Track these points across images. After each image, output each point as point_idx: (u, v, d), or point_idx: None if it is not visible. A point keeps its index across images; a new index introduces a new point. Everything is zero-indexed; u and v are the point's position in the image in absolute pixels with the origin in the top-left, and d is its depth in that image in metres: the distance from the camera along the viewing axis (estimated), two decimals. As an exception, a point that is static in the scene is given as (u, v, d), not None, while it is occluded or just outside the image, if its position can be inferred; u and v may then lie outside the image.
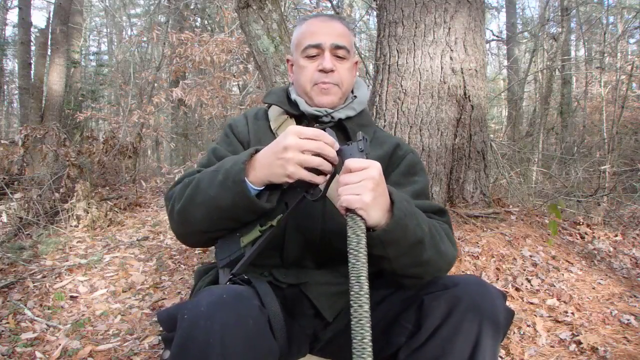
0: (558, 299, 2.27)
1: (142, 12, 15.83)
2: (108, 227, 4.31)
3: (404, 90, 2.89)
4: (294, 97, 1.24)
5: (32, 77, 8.26)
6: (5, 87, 14.97)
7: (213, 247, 1.11)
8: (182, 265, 3.32)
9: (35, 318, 2.46)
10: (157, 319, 0.96)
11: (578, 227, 3.26)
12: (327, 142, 0.92)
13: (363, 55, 6.06)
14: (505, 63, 12.54)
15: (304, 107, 1.21)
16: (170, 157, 11.12)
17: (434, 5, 2.86)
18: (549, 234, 2.83)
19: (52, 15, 8.40)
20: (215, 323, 0.79)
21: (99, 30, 19.52)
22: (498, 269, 2.49)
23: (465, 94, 2.92)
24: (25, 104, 8.28)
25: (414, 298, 0.98)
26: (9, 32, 14.73)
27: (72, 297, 2.80)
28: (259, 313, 0.86)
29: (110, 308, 2.66)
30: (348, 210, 0.87)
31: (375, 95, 3.02)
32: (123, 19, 13.93)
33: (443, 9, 2.86)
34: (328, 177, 0.96)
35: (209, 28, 9.52)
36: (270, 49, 2.91)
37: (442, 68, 2.87)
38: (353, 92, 1.28)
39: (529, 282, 2.41)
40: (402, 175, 1.19)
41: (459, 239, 2.67)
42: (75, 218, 4.26)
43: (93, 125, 11.04)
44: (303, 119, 1.24)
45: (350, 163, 0.88)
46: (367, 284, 0.81)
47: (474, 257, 2.55)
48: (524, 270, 2.49)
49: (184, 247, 3.64)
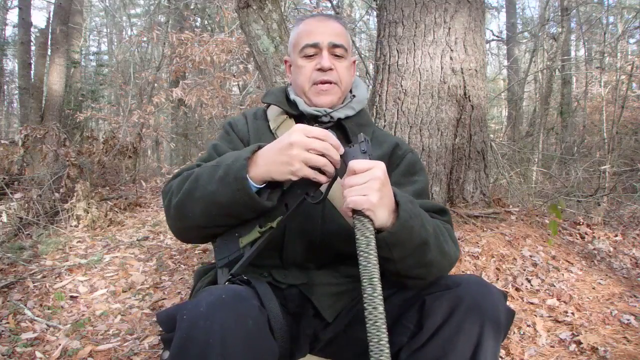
0: (558, 299, 2.27)
1: (142, 12, 15.84)
2: (108, 227, 4.31)
3: (404, 90, 2.89)
4: (293, 97, 1.24)
5: (32, 77, 8.26)
6: (5, 87, 14.97)
7: (213, 247, 1.11)
8: (182, 265, 3.32)
9: (35, 318, 2.46)
10: (156, 320, 0.96)
11: (578, 227, 3.26)
12: (332, 143, 0.91)
13: (363, 55, 6.06)
14: (505, 63, 12.54)
15: (303, 107, 1.21)
16: (170, 157, 11.12)
17: (434, 5, 2.86)
18: (549, 234, 2.83)
19: (52, 15, 8.40)
20: (215, 323, 0.79)
21: (99, 30, 19.54)
22: (498, 269, 2.49)
23: (465, 94, 2.92)
24: (25, 104, 8.28)
25: (416, 298, 0.98)
26: (9, 32, 14.75)
27: (72, 297, 2.80)
28: (259, 313, 0.86)
29: (110, 308, 2.66)
30: (355, 212, 0.86)
31: (375, 95, 3.02)
32: (123, 19, 13.94)
33: (443, 9, 2.86)
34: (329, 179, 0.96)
35: (209, 28, 9.52)
36: (270, 49, 2.91)
37: (442, 68, 2.87)
38: (351, 91, 1.28)
39: (529, 282, 2.41)
40: (402, 175, 1.19)
41: (459, 239, 2.67)
42: (75, 218, 4.26)
43: (93, 125, 11.03)
44: (302, 119, 1.23)
45: (355, 164, 0.87)
46: (380, 286, 0.81)
47: (474, 257, 2.55)
48: (524, 270, 2.49)
49: (184, 247, 3.64)
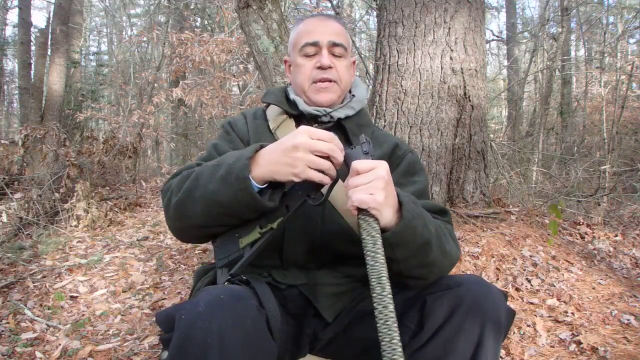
0: (558, 299, 2.27)
1: (142, 12, 15.83)
2: (108, 227, 4.31)
3: (404, 90, 2.88)
4: (293, 97, 1.23)
5: (32, 77, 8.26)
6: (5, 87, 14.98)
7: (213, 247, 1.11)
8: (182, 265, 3.31)
9: (35, 318, 2.46)
10: (155, 320, 0.95)
11: (578, 227, 3.25)
12: (336, 145, 0.91)
13: (363, 55, 6.06)
14: (505, 63, 12.54)
15: (303, 106, 1.21)
16: (170, 157, 11.11)
17: (434, 5, 2.86)
18: (549, 234, 2.83)
19: (52, 15, 8.40)
20: (214, 323, 0.79)
21: (99, 30, 19.54)
22: (498, 269, 2.49)
23: (465, 94, 2.92)
24: (25, 104, 8.28)
25: (417, 298, 0.98)
26: (9, 32, 14.74)
27: (72, 297, 2.79)
28: (257, 313, 0.86)
29: (110, 308, 2.66)
30: (360, 211, 0.86)
31: (375, 95, 3.02)
32: (123, 19, 13.93)
33: (443, 9, 2.86)
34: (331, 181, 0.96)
35: (209, 28, 9.52)
36: (270, 49, 2.91)
37: (442, 68, 2.86)
38: (351, 91, 1.28)
39: (529, 282, 2.41)
40: (402, 175, 1.19)
41: (459, 239, 2.67)
42: (75, 218, 4.26)
43: (93, 125, 11.04)
44: (302, 119, 1.23)
45: (359, 164, 0.88)
46: (389, 284, 0.81)
47: (474, 257, 2.55)
48: (524, 270, 2.49)
49: (184, 247, 3.64)
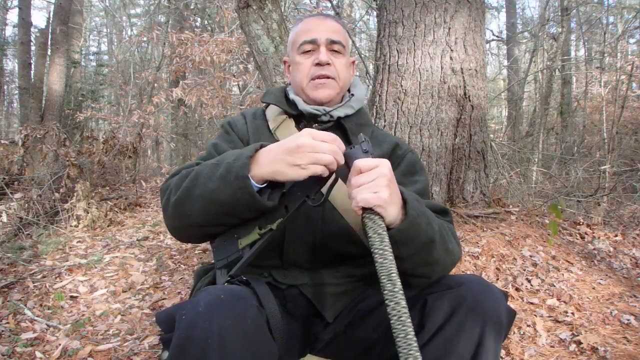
0: (558, 299, 2.27)
1: (142, 12, 15.84)
2: (108, 227, 4.30)
3: (404, 90, 2.88)
4: (292, 96, 1.23)
5: (32, 77, 8.25)
6: (5, 87, 14.98)
7: (211, 248, 1.10)
8: (182, 265, 3.31)
9: (35, 318, 2.46)
10: (155, 320, 0.95)
11: (578, 227, 3.25)
12: (339, 147, 0.92)
13: (363, 55, 6.06)
14: (505, 63, 12.54)
15: (303, 106, 1.21)
16: (170, 157, 11.11)
17: (434, 5, 2.86)
18: (549, 234, 2.83)
19: (52, 15, 8.40)
20: (214, 323, 0.79)
21: (99, 30, 19.54)
22: (498, 269, 2.49)
23: (465, 94, 2.92)
24: (25, 104, 8.27)
25: (417, 298, 0.97)
26: (9, 32, 14.75)
27: (72, 297, 2.79)
28: (257, 313, 0.86)
29: (110, 308, 2.65)
30: (364, 210, 0.86)
31: (375, 95, 3.02)
32: (123, 19, 13.93)
33: (443, 9, 2.86)
34: (330, 182, 0.96)
35: (209, 28, 9.52)
36: (270, 49, 2.91)
37: (442, 68, 2.86)
38: (350, 90, 1.28)
39: (529, 282, 2.41)
40: (402, 175, 1.19)
41: (459, 239, 2.67)
42: (75, 218, 4.26)
43: (93, 125, 11.04)
44: (301, 119, 1.23)
45: (360, 163, 0.88)
46: (399, 281, 0.81)
47: (474, 257, 2.55)
48: (524, 270, 2.49)
49: (184, 247, 3.63)
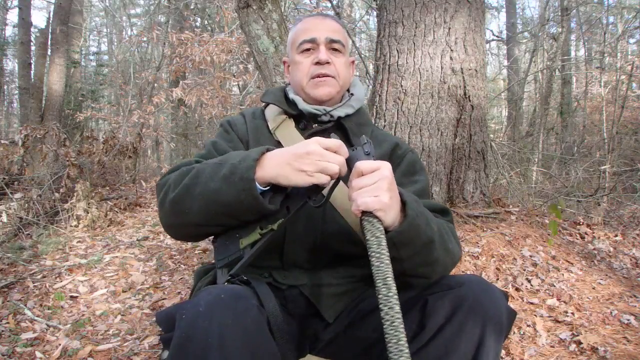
0: (558, 299, 2.27)
1: (142, 12, 15.85)
2: (108, 227, 4.30)
3: (404, 90, 2.89)
4: (292, 96, 1.23)
5: (32, 77, 8.26)
6: (5, 87, 14.97)
7: (213, 247, 1.10)
8: (182, 265, 3.31)
9: (35, 318, 2.46)
10: (155, 320, 0.95)
11: (578, 227, 3.25)
12: (344, 154, 0.93)
13: (363, 55, 6.06)
14: (505, 63, 12.54)
15: (303, 105, 1.20)
16: (170, 157, 11.11)
17: (434, 5, 2.86)
18: (549, 234, 2.83)
19: (52, 15, 8.40)
20: (214, 323, 0.79)
21: (99, 30, 19.53)
22: (498, 269, 2.49)
23: (465, 94, 2.92)
24: (25, 104, 8.27)
25: (418, 298, 0.97)
26: (9, 32, 14.74)
27: (72, 297, 2.79)
28: (257, 313, 0.85)
29: (110, 308, 2.65)
30: (364, 213, 0.86)
31: (375, 95, 3.02)
32: (123, 19, 13.93)
33: (443, 9, 2.86)
34: (331, 184, 0.97)
35: (209, 28, 9.52)
36: (270, 49, 2.91)
37: (442, 68, 2.86)
38: (349, 90, 1.28)
39: (529, 282, 2.40)
40: (403, 175, 1.19)
41: (459, 239, 2.66)
42: (75, 218, 4.26)
43: (93, 125, 11.04)
44: (301, 119, 1.23)
45: (362, 166, 0.88)
46: (394, 285, 0.81)
47: (474, 257, 2.55)
48: (524, 270, 2.49)
49: (184, 247, 3.64)
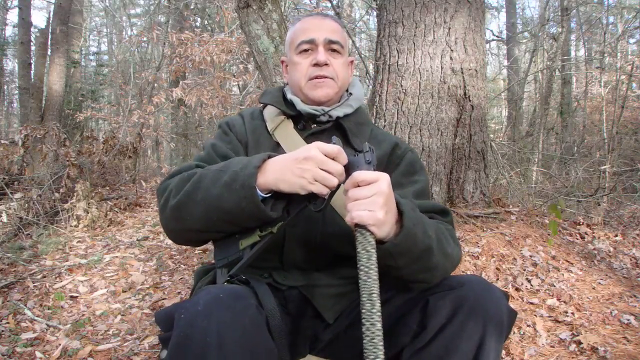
0: (558, 299, 2.27)
1: (142, 12, 15.85)
2: (108, 227, 4.30)
3: (404, 90, 2.88)
4: (290, 96, 1.22)
5: (32, 77, 8.25)
6: (5, 87, 14.98)
7: (213, 247, 1.10)
8: (182, 265, 3.31)
9: (35, 318, 2.46)
10: (154, 319, 0.95)
11: (578, 227, 3.25)
12: (343, 160, 0.91)
13: (363, 55, 6.06)
14: (505, 63, 12.54)
15: (301, 106, 1.20)
16: (170, 157, 11.11)
17: (434, 5, 2.86)
18: (549, 234, 2.83)
19: (52, 15, 8.40)
20: (212, 322, 0.79)
21: (99, 30, 19.53)
22: (498, 269, 2.49)
23: (465, 94, 2.92)
24: (25, 104, 8.27)
25: (419, 298, 0.98)
26: (9, 32, 14.75)
27: (72, 297, 2.79)
28: (256, 312, 0.86)
29: (110, 308, 2.65)
30: (358, 225, 0.86)
31: (375, 95, 3.02)
32: (123, 19, 13.93)
33: (443, 9, 2.86)
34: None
35: (209, 28, 9.52)
36: (270, 49, 2.91)
37: (442, 68, 2.86)
38: (348, 90, 1.27)
39: (529, 282, 2.40)
40: (402, 175, 1.19)
41: (459, 239, 2.66)
42: (75, 218, 4.26)
43: (93, 125, 11.04)
44: (300, 119, 1.22)
45: (359, 176, 0.86)
46: (379, 302, 0.81)
47: (474, 257, 2.55)
48: (524, 270, 2.49)
49: (184, 247, 3.64)
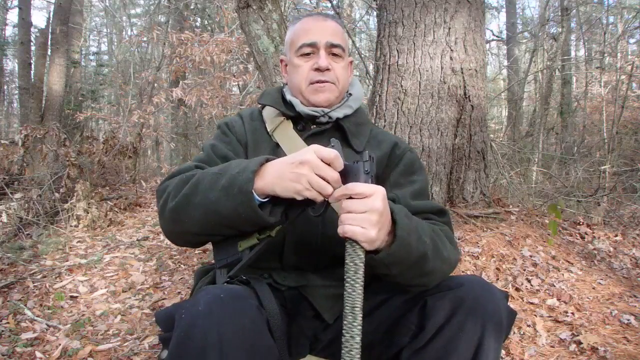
0: (558, 299, 2.27)
1: (142, 12, 15.83)
2: (108, 227, 4.30)
3: (404, 90, 2.88)
4: (289, 97, 1.22)
5: (32, 77, 8.25)
6: (5, 87, 14.98)
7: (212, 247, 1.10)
8: (182, 265, 3.31)
9: (35, 318, 2.46)
10: (155, 319, 0.95)
11: (578, 227, 3.25)
12: (339, 166, 0.89)
13: (363, 55, 6.06)
14: (505, 63, 12.54)
15: (300, 107, 1.20)
16: (170, 157, 11.10)
17: (434, 5, 2.86)
18: (549, 234, 2.83)
19: (52, 15, 8.39)
20: (213, 322, 0.79)
21: (99, 30, 19.50)
22: (498, 269, 2.49)
23: (465, 94, 2.92)
24: (25, 104, 8.27)
25: (418, 299, 0.98)
26: (9, 32, 14.76)
27: (72, 297, 2.79)
28: (257, 312, 0.86)
29: (110, 308, 2.66)
30: (349, 238, 0.85)
31: (375, 95, 3.02)
32: (123, 19, 13.93)
33: (443, 9, 2.86)
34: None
35: (209, 28, 9.52)
36: (270, 49, 2.91)
37: (442, 68, 2.86)
38: (347, 90, 1.27)
39: (529, 282, 2.40)
40: (401, 175, 1.18)
41: (459, 239, 2.67)
42: (75, 218, 4.26)
43: (93, 125, 11.03)
44: (299, 120, 1.22)
45: (355, 188, 0.84)
46: (361, 315, 0.82)
47: (474, 257, 2.55)
48: (524, 270, 2.49)
49: (185, 247, 3.63)
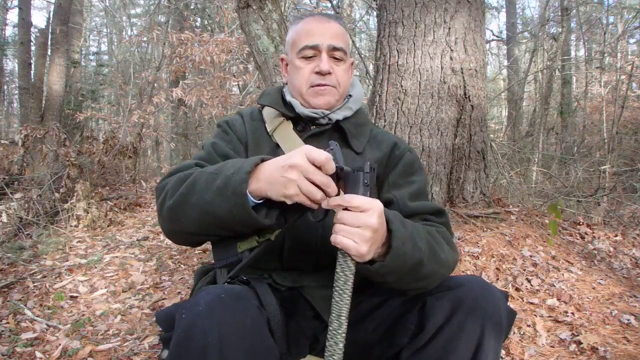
0: (558, 299, 2.27)
1: (142, 12, 15.83)
2: (108, 227, 4.30)
3: (404, 90, 2.89)
4: (289, 98, 1.21)
5: (32, 77, 8.26)
6: (5, 87, 14.99)
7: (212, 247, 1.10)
8: (182, 265, 3.32)
9: (35, 318, 2.46)
10: (155, 319, 0.95)
11: (578, 227, 3.25)
12: (331, 169, 0.85)
13: (363, 55, 6.06)
14: (505, 63, 12.54)
15: (300, 109, 1.19)
16: (170, 157, 11.10)
17: (434, 5, 2.86)
18: (549, 234, 2.83)
19: (52, 15, 8.40)
20: (214, 322, 0.79)
21: (99, 30, 19.51)
22: (498, 269, 2.49)
23: (465, 94, 2.92)
24: (25, 104, 8.27)
25: (417, 299, 0.98)
26: (9, 32, 14.77)
27: (72, 297, 2.79)
28: (258, 313, 0.86)
29: (110, 308, 2.65)
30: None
31: (375, 95, 3.02)
32: (123, 19, 13.93)
33: (443, 9, 2.86)
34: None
35: (209, 28, 9.52)
36: (270, 49, 2.91)
37: (442, 68, 2.86)
38: (348, 91, 1.26)
39: (529, 282, 2.40)
40: (399, 176, 1.18)
41: (459, 239, 2.67)
42: (75, 218, 4.26)
43: (93, 125, 11.04)
44: (299, 121, 1.22)
45: (352, 201, 0.83)
46: (346, 323, 0.83)
47: (474, 257, 2.55)
48: (524, 270, 2.49)
49: (184, 247, 3.64)
